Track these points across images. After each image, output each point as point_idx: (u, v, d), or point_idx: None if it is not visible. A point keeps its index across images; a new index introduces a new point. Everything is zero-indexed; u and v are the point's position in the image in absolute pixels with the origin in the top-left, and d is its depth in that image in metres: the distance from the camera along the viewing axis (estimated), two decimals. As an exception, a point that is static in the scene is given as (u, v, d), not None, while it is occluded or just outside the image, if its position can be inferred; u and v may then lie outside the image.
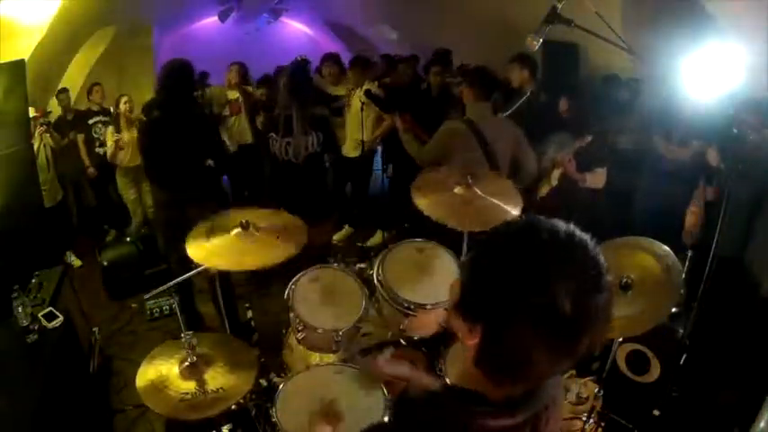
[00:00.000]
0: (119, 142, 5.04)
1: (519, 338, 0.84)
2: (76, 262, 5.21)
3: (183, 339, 2.10)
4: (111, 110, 5.42)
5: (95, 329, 3.70)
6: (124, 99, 5.16)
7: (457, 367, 2.21)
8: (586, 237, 0.88)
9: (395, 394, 1.89)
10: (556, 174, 3.64)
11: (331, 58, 5.78)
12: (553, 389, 1.00)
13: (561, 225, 0.88)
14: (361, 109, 5.04)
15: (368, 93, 4.87)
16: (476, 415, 0.90)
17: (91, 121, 5.54)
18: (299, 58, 3.94)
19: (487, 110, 3.37)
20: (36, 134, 4.75)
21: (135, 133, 5.00)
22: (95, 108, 5.64)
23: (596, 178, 3.64)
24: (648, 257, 2.30)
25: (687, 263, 2.84)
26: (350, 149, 5.37)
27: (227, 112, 5.66)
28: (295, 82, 3.47)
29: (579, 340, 0.84)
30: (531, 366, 0.86)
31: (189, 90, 3.64)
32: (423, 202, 2.64)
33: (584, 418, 2.59)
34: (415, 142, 3.65)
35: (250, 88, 5.82)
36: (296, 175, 3.50)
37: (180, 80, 3.55)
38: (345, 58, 6.04)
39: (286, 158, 3.46)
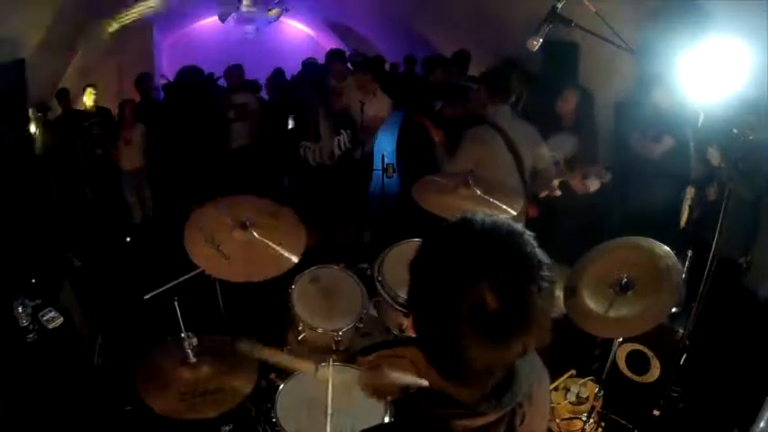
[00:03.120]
0: (124, 143, 5.07)
1: (444, 328, 0.84)
2: (76, 262, 5.21)
3: (183, 339, 2.10)
4: (106, 112, 5.44)
5: (96, 329, 3.70)
6: (128, 105, 5.19)
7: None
8: (522, 232, 0.87)
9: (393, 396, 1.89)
10: (556, 183, 3.62)
11: (338, 56, 5.80)
12: (529, 387, 0.98)
13: (495, 220, 0.87)
14: (361, 110, 5.03)
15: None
16: (450, 417, 0.91)
17: (87, 123, 5.54)
18: (310, 61, 3.94)
19: (508, 112, 3.27)
20: (36, 134, 4.77)
21: (136, 137, 5.03)
22: (91, 110, 5.64)
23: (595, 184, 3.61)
24: (648, 257, 2.30)
25: (687, 263, 2.84)
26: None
27: (231, 115, 5.66)
28: (318, 85, 3.45)
29: (512, 334, 0.82)
30: (464, 356, 0.84)
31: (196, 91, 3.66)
32: (426, 202, 2.65)
33: (584, 418, 2.59)
34: (447, 156, 3.52)
35: None
36: (330, 178, 3.44)
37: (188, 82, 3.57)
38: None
39: (320, 161, 3.40)
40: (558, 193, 3.55)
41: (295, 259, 2.34)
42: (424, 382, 0.96)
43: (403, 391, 1.34)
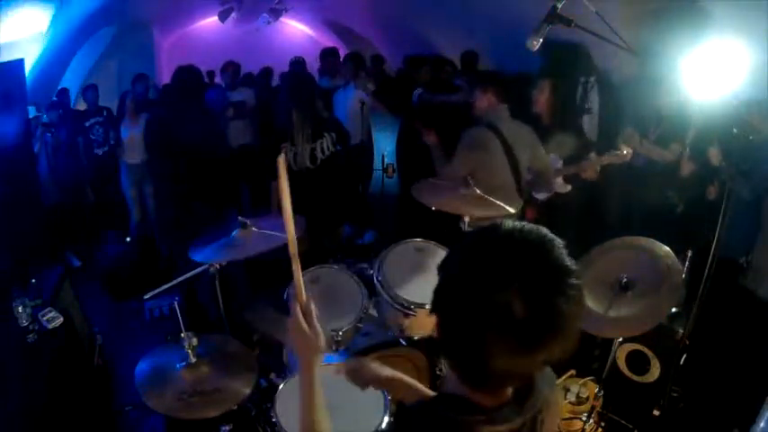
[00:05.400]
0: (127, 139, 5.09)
1: (470, 334, 0.83)
2: (76, 262, 5.21)
3: (183, 339, 2.10)
4: (106, 111, 5.45)
5: (96, 329, 3.71)
6: (130, 97, 5.19)
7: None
8: (552, 239, 0.86)
9: (395, 397, 1.89)
10: (561, 180, 3.61)
11: (331, 53, 5.85)
12: (547, 391, 0.98)
13: (525, 227, 0.87)
14: (361, 109, 5.05)
15: (374, 94, 4.86)
16: (474, 424, 0.89)
17: (88, 123, 5.55)
18: (295, 60, 3.90)
19: (505, 112, 3.25)
20: (37, 134, 4.77)
21: (139, 131, 5.06)
22: (91, 109, 5.65)
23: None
24: (648, 257, 2.30)
25: (687, 263, 2.84)
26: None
27: (230, 113, 5.66)
28: (293, 87, 3.40)
29: (538, 342, 0.82)
30: (489, 363, 0.84)
31: (196, 90, 3.65)
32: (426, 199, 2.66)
33: (584, 418, 2.60)
34: (442, 158, 3.48)
35: None
36: (311, 180, 3.41)
37: (188, 81, 3.56)
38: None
39: (300, 166, 3.36)
40: (568, 188, 3.53)
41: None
42: (416, 383, 0.95)
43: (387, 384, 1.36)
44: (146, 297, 2.50)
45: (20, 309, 2.81)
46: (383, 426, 1.96)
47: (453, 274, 0.88)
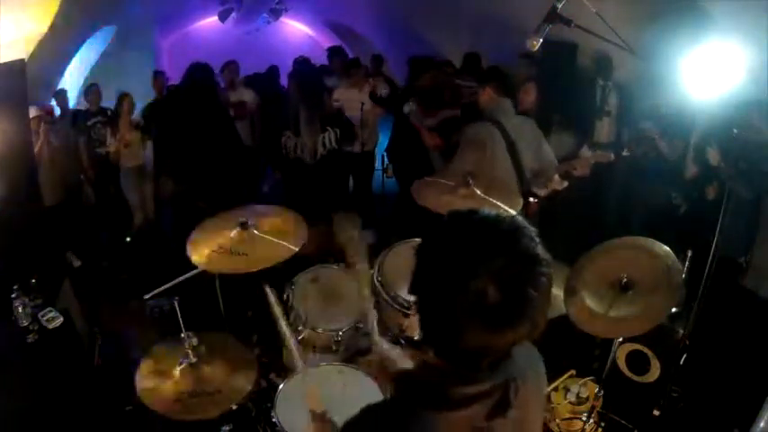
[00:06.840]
0: (122, 141, 5.06)
1: (445, 315, 0.88)
2: (76, 262, 5.20)
3: (184, 339, 2.10)
4: (109, 111, 5.43)
5: (96, 329, 3.71)
6: (127, 99, 5.17)
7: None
8: (524, 226, 0.90)
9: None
10: (557, 179, 3.60)
11: (337, 52, 5.86)
12: (524, 364, 1.03)
13: (499, 213, 0.91)
14: (361, 108, 5.05)
15: (372, 96, 4.88)
16: (447, 385, 0.95)
17: (89, 122, 5.53)
18: (301, 59, 3.94)
19: (508, 105, 3.22)
20: (40, 133, 4.76)
21: (136, 133, 5.04)
22: (93, 109, 5.63)
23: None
24: (648, 257, 2.30)
25: (687, 263, 2.85)
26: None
27: (231, 113, 5.64)
28: (302, 82, 3.44)
29: (508, 325, 0.87)
30: (461, 341, 0.89)
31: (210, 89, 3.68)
32: (426, 201, 2.65)
33: (584, 419, 2.59)
34: (441, 158, 3.48)
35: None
36: (308, 174, 3.44)
37: (203, 79, 3.59)
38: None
39: (299, 156, 3.40)
40: (565, 184, 3.52)
41: (298, 246, 2.36)
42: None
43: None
44: (146, 297, 2.50)
45: (20, 309, 2.81)
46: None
47: (430, 259, 0.92)
